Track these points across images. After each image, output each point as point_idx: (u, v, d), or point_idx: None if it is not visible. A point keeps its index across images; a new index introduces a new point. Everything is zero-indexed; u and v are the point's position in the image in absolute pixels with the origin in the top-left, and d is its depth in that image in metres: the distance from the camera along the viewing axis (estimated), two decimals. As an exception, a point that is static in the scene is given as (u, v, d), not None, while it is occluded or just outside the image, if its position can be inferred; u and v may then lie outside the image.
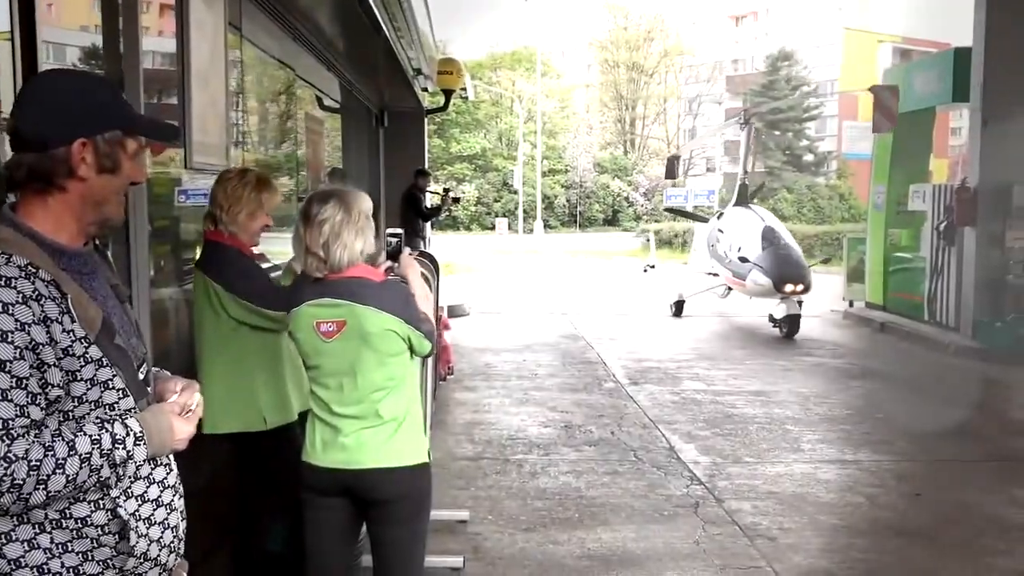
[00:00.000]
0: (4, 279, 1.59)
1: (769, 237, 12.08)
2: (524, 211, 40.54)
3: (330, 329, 2.79)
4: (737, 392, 8.59)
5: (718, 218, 13.91)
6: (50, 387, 1.63)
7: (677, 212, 21.34)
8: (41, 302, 1.62)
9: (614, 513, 5.30)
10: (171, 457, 1.89)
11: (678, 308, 13.91)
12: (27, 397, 1.59)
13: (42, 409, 1.62)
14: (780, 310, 11.60)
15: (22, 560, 1.65)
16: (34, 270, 1.63)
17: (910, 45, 62.95)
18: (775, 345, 11.43)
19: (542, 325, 13.00)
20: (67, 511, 1.67)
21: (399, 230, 3.65)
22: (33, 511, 1.64)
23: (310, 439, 2.93)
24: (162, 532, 1.80)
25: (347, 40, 8.57)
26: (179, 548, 1.91)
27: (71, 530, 1.68)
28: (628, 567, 4.53)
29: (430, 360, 6.18)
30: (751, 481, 5.91)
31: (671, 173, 17.86)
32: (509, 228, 36.60)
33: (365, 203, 2.87)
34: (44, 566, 1.66)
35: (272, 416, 3.38)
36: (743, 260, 11.92)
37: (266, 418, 3.33)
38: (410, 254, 3.22)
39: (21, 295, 1.60)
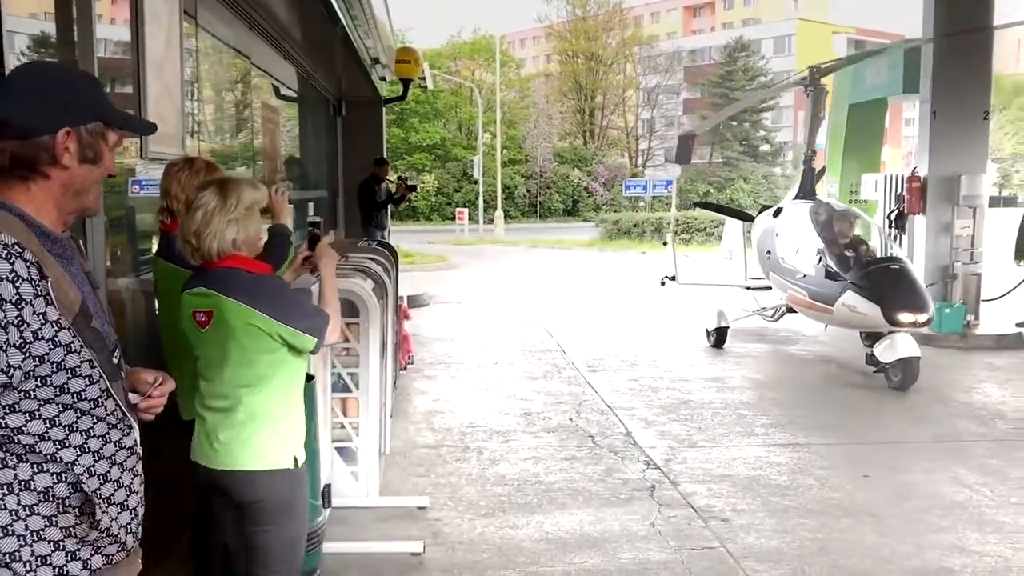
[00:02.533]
0: None
1: (872, 246, 8.85)
2: (484, 201, 40.52)
3: (202, 319, 2.76)
4: (693, 378, 8.73)
5: (774, 215, 10.05)
6: (12, 370, 1.64)
7: (709, 207, 15.73)
8: (17, 284, 1.63)
9: (572, 497, 5.39)
10: (137, 443, 1.92)
11: (719, 337, 10.35)
12: None
13: None
14: (889, 350, 8.06)
15: None
16: (20, 250, 1.65)
17: (863, 36, 63.84)
18: (729, 332, 11.58)
19: (503, 315, 13.06)
20: (31, 481, 1.70)
21: (318, 218, 3.64)
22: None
23: (195, 434, 2.93)
24: (119, 512, 1.83)
25: (303, 28, 8.55)
26: (137, 531, 1.94)
27: (38, 493, 1.71)
28: (585, 550, 4.62)
29: (389, 350, 6.23)
30: (706, 465, 6.03)
31: (684, 156, 14.23)
32: (470, 218, 36.53)
33: (247, 193, 2.80)
34: (9, 527, 1.69)
35: None
36: (832, 276, 8.46)
37: None
38: (330, 242, 3.15)
39: None
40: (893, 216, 11.85)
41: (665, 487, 5.57)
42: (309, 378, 4.23)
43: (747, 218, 11.29)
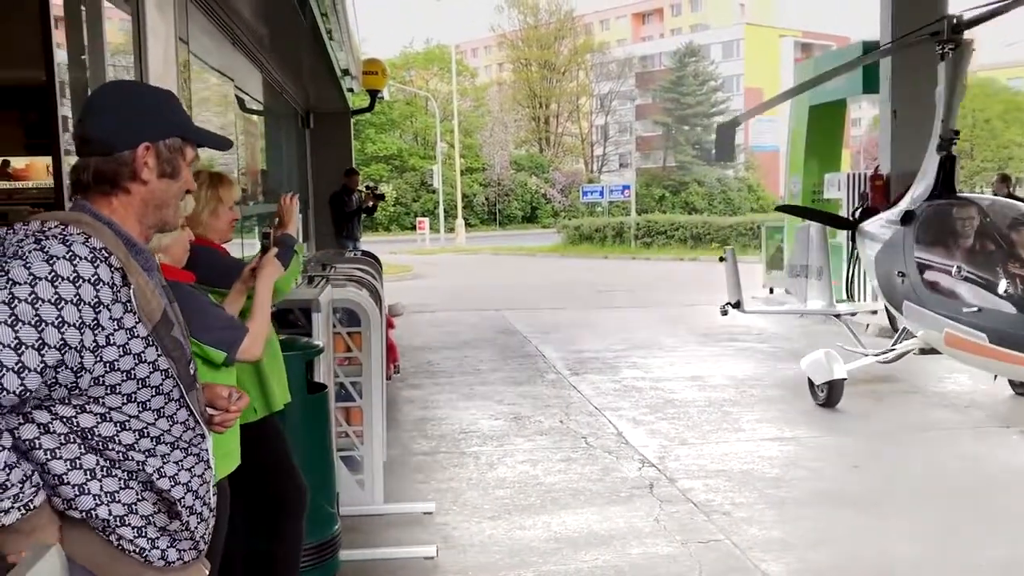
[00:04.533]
0: (71, 254, 1.66)
1: None
2: (444, 210, 40.56)
3: None
4: (674, 378, 8.88)
5: (903, 221, 7.24)
6: (83, 371, 1.68)
7: (792, 211, 11.24)
8: (97, 287, 1.67)
9: (574, 497, 5.47)
10: (210, 453, 1.97)
11: (832, 393, 7.42)
12: (15, 362, 1.59)
13: (48, 383, 1.65)
14: None
15: (65, 476, 1.72)
16: (106, 255, 1.69)
17: (810, 39, 65.05)
18: (702, 332, 11.78)
19: (478, 322, 13.12)
20: (108, 478, 1.76)
21: (268, 230, 3.65)
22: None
23: None
24: (189, 516, 1.88)
25: (279, 41, 8.57)
26: (208, 539, 1.99)
27: (119, 480, 1.77)
28: (595, 547, 4.70)
29: (380, 360, 6.26)
30: (699, 461, 6.16)
31: (726, 149, 12.01)
32: (430, 228, 36.54)
33: None
34: (92, 511, 1.74)
35: (259, 407, 3.36)
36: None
37: (256, 408, 3.35)
38: (275, 253, 3.10)
39: (76, 273, 1.65)
40: (857, 214, 12.11)
41: (663, 484, 5.69)
42: (321, 388, 4.29)
43: (842, 224, 8.98)
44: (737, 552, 4.61)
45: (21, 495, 1.64)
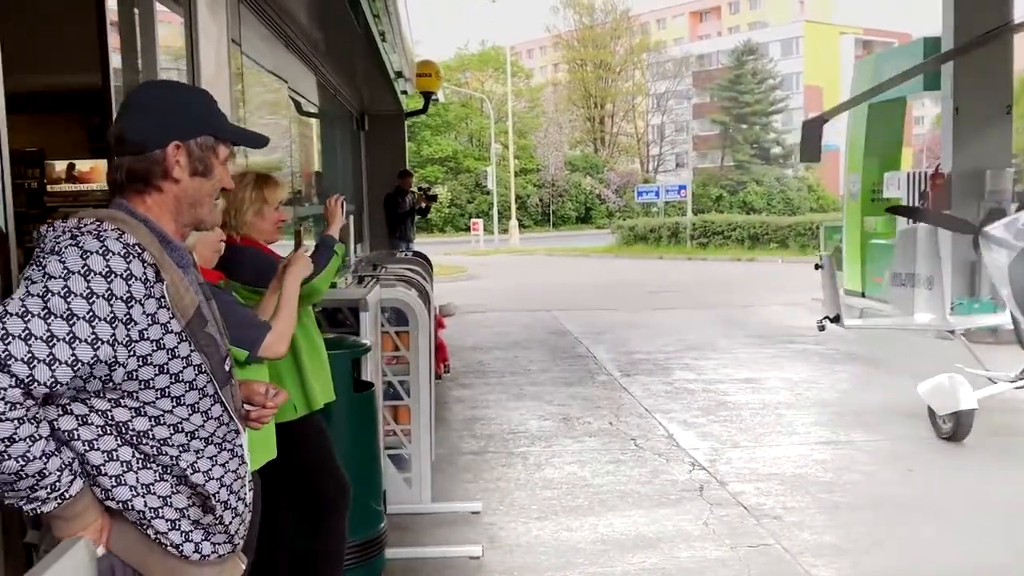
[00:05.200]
0: (104, 249, 1.68)
1: None
2: (498, 211, 40.63)
3: None
4: (728, 380, 8.77)
5: None
6: (116, 365, 1.70)
7: (903, 212, 9.39)
8: (129, 282, 1.69)
9: (622, 499, 5.43)
10: (245, 449, 1.99)
11: (958, 426, 6.46)
12: (47, 354, 1.61)
13: (80, 376, 1.67)
14: None
15: (103, 467, 1.75)
16: (139, 251, 1.72)
17: (871, 36, 63.79)
18: (758, 334, 11.63)
19: (529, 323, 13.12)
20: (144, 470, 1.79)
21: (299, 227, 3.65)
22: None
23: None
24: (223, 511, 1.90)
25: (334, 44, 8.66)
26: (244, 535, 2.01)
27: (154, 472, 1.80)
28: (642, 550, 4.66)
29: (430, 359, 6.29)
30: (751, 464, 6.07)
31: (813, 148, 9.57)
32: (484, 229, 36.64)
33: None
34: (128, 502, 1.77)
35: (300, 405, 3.39)
36: None
37: (295, 406, 3.38)
38: (306, 251, 3.14)
39: (109, 268, 1.67)
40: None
41: (713, 487, 5.62)
42: (368, 386, 4.32)
43: (967, 229, 8.14)
44: (788, 557, 4.53)
45: (58, 484, 1.68)
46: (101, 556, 1.75)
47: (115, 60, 3.75)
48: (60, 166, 10.70)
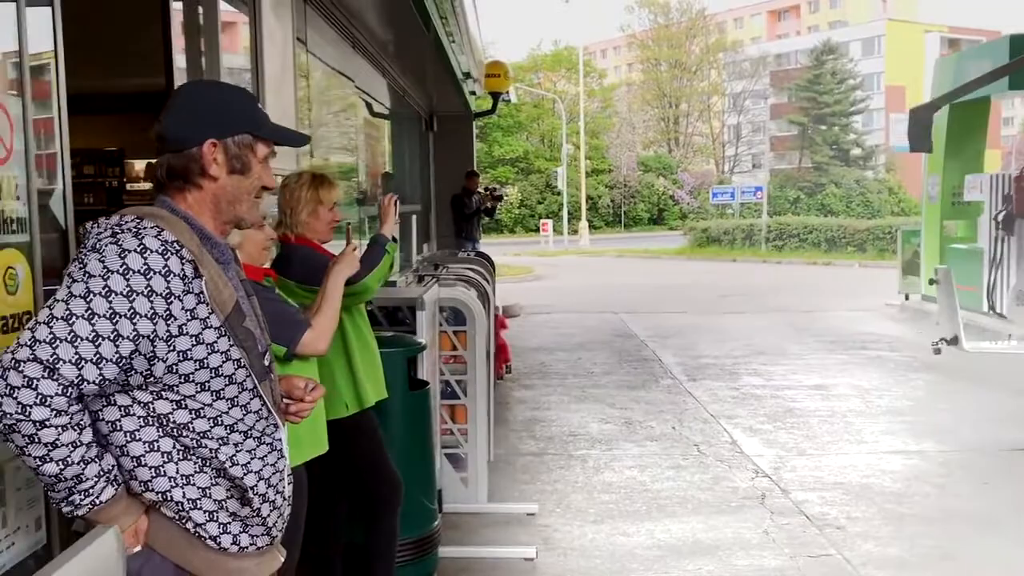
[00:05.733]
0: (142, 247, 1.71)
1: None
2: (568, 212, 40.53)
3: None
4: (796, 386, 8.58)
5: None
6: (155, 360, 1.73)
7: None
8: (168, 278, 1.72)
9: (681, 505, 5.35)
10: (284, 443, 2.00)
11: None
12: (94, 354, 1.65)
13: (124, 371, 1.70)
14: None
15: (143, 458, 1.78)
16: (177, 248, 1.74)
17: (957, 34, 61.89)
18: (830, 339, 11.36)
19: (595, 325, 13.04)
20: (184, 462, 1.82)
21: (348, 222, 3.63)
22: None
23: None
24: (261, 504, 1.91)
25: (401, 46, 8.73)
26: (282, 528, 2.02)
27: (194, 464, 1.82)
28: (699, 556, 4.58)
29: (490, 360, 6.28)
30: (816, 472, 5.93)
31: (921, 139, 9.35)
32: (554, 230, 36.56)
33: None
34: (168, 492, 1.80)
35: (351, 402, 3.42)
36: None
37: (347, 404, 3.41)
38: (354, 250, 3.12)
39: (147, 266, 1.70)
40: (1000, 217, 11.43)
41: (776, 495, 5.50)
42: (423, 384, 4.33)
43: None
44: (849, 568, 4.41)
45: (92, 490, 1.72)
46: (136, 552, 1.78)
47: (180, 61, 3.84)
48: (139, 165, 11.04)
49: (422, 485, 4.15)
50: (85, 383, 1.66)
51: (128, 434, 1.77)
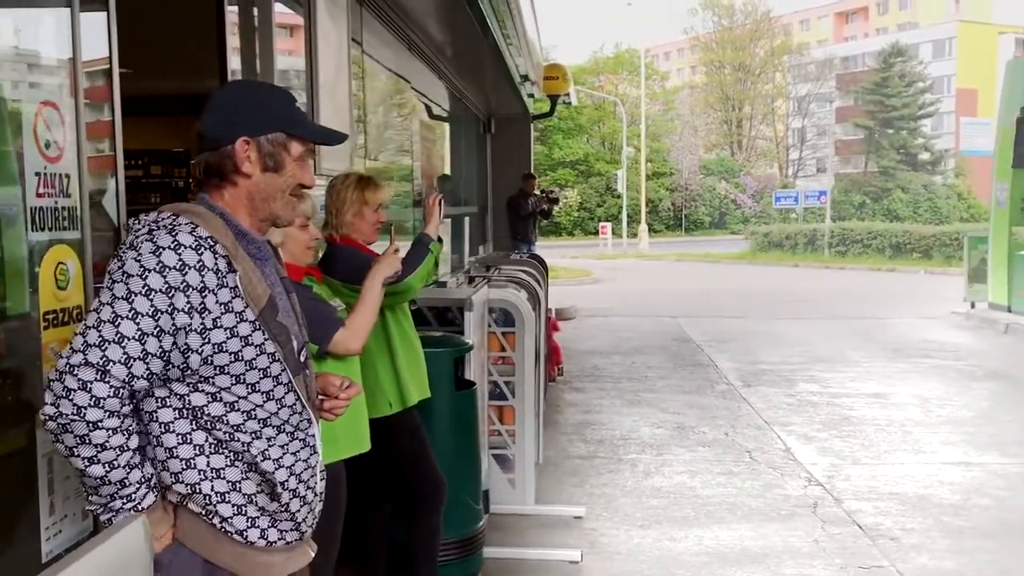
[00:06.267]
0: (176, 243, 1.76)
1: None
2: (628, 215, 40.30)
3: None
4: (854, 394, 8.42)
5: None
6: (190, 352, 1.77)
7: None
8: (202, 273, 1.76)
9: (730, 512, 5.29)
10: (316, 439, 2.02)
11: None
12: (141, 351, 1.71)
13: (165, 364, 1.76)
14: None
15: (175, 450, 1.82)
16: (212, 243, 1.79)
17: (1034, 35, 59.99)
18: (891, 347, 11.12)
19: (651, 329, 12.95)
20: (216, 454, 1.85)
21: (391, 222, 3.63)
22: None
23: None
24: (291, 499, 1.93)
25: (457, 48, 8.78)
26: (312, 523, 2.05)
27: (225, 457, 1.86)
28: (747, 564, 4.52)
29: (540, 362, 6.28)
30: (871, 482, 5.81)
31: None
32: (613, 233, 36.38)
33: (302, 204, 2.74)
34: (197, 485, 1.83)
35: (394, 401, 3.44)
36: None
37: (390, 402, 3.43)
38: (396, 251, 3.13)
39: (181, 261, 1.75)
40: None
41: (828, 504, 5.40)
42: (470, 384, 4.35)
43: None
44: (901, 581, 4.31)
45: (134, 496, 1.77)
46: (166, 546, 1.83)
47: (234, 62, 3.91)
48: (203, 166, 11.26)
49: (467, 485, 4.17)
50: (135, 379, 1.72)
51: (163, 425, 1.82)
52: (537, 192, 12.25)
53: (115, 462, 1.73)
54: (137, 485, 1.77)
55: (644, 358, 10.45)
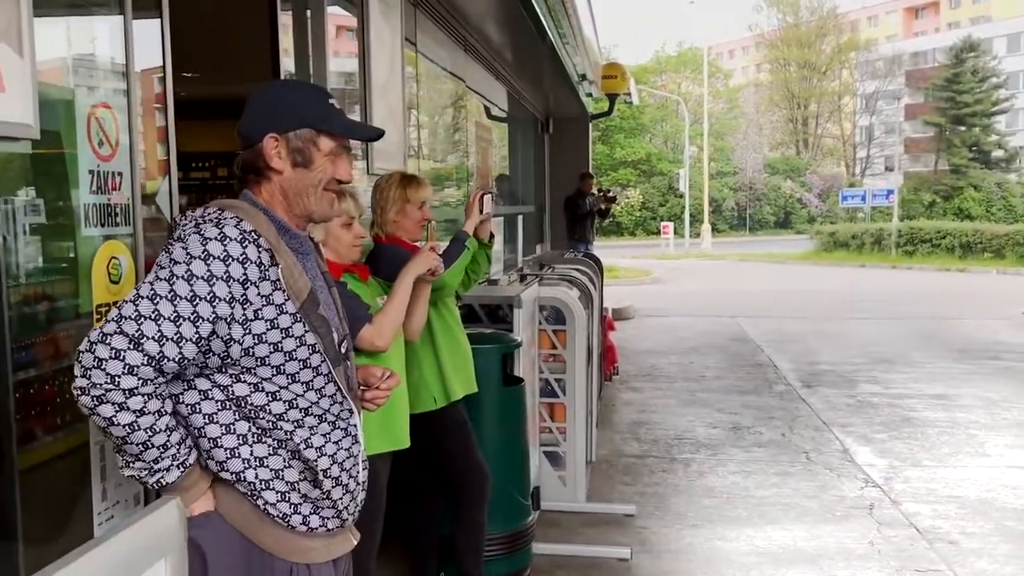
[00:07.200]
0: (222, 235, 1.81)
1: None
2: (691, 215, 39.92)
3: None
4: (917, 395, 8.24)
5: None
6: (231, 342, 1.82)
7: None
8: (245, 265, 1.81)
9: (784, 512, 5.23)
10: (358, 428, 2.06)
11: None
12: (175, 333, 1.75)
13: (202, 352, 1.80)
14: None
15: (219, 440, 1.87)
16: (255, 237, 1.84)
17: (1116, 27, 57.94)
18: (957, 348, 10.85)
19: (710, 329, 12.84)
20: (259, 444, 1.90)
21: (431, 219, 3.64)
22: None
23: None
24: (333, 486, 1.98)
25: (514, 48, 8.82)
26: (354, 512, 2.09)
27: (268, 446, 1.91)
28: (798, 565, 4.47)
29: (594, 359, 6.29)
30: (931, 485, 5.69)
31: None
32: (675, 232, 36.06)
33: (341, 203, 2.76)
34: (241, 473, 1.89)
35: (438, 396, 3.48)
36: None
37: (435, 398, 3.49)
38: (432, 249, 3.12)
39: (226, 253, 1.80)
40: None
41: (885, 506, 5.30)
42: (517, 380, 4.38)
43: None
44: (958, 586, 4.22)
45: (179, 455, 1.83)
46: (208, 517, 1.89)
47: (288, 64, 4.00)
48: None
49: (515, 480, 4.20)
50: (166, 360, 1.76)
51: (206, 416, 1.88)
52: (595, 191, 12.21)
53: (155, 425, 1.77)
54: (178, 445, 1.82)
55: (702, 358, 10.37)
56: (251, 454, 1.89)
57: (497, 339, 4.30)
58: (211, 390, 1.87)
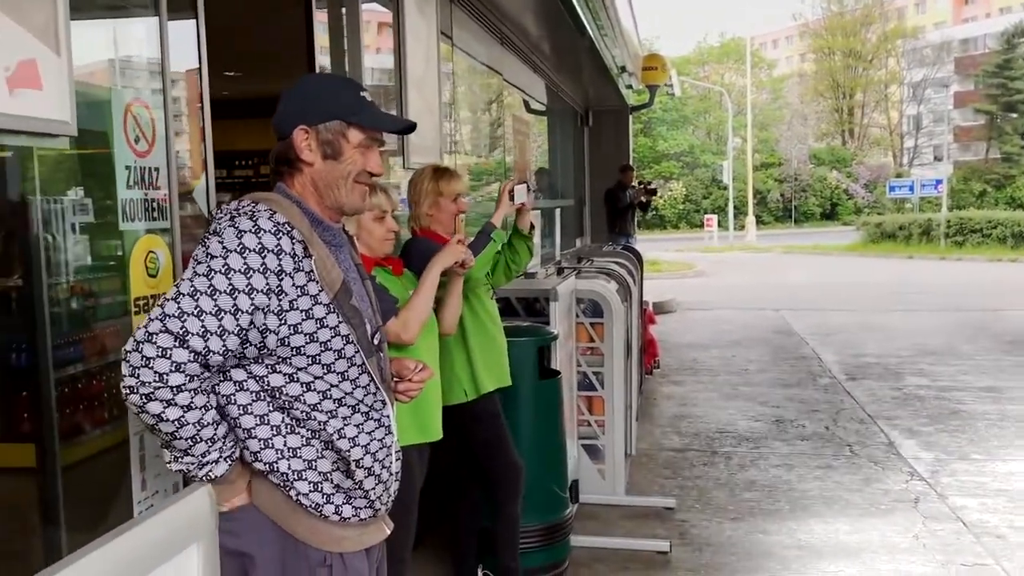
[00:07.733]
0: (257, 227, 1.84)
1: None
2: (735, 207, 39.51)
3: None
4: (965, 388, 8.09)
5: None
6: (267, 332, 1.85)
7: None
8: (280, 256, 1.84)
9: (827, 506, 5.17)
10: (391, 419, 2.08)
11: None
12: (217, 326, 1.78)
13: (243, 342, 1.83)
14: None
15: (253, 431, 1.90)
16: (289, 228, 1.87)
17: None
18: (1007, 340, 10.63)
19: (753, 322, 12.72)
20: (292, 434, 1.93)
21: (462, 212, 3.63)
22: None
23: None
24: (366, 476, 1.99)
25: (551, 41, 8.81)
26: (387, 503, 2.11)
27: (301, 437, 1.93)
28: (841, 559, 4.42)
29: (634, 353, 6.26)
30: (978, 478, 5.58)
31: None
32: (719, 225, 35.72)
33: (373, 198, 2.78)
34: (274, 464, 1.91)
35: (469, 389, 3.49)
36: None
37: (466, 390, 3.49)
38: (459, 241, 3.10)
39: (261, 245, 1.83)
40: None
41: (931, 499, 5.22)
42: (554, 373, 4.38)
43: None
44: (1006, 580, 4.14)
45: (225, 447, 1.86)
46: (243, 508, 1.92)
47: (324, 60, 4.04)
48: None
49: (552, 473, 4.20)
50: (211, 354, 1.80)
51: (241, 407, 1.90)
52: (635, 184, 12.15)
53: (203, 419, 1.81)
54: (224, 438, 1.86)
55: (744, 351, 10.28)
56: (284, 444, 1.92)
57: (533, 332, 4.30)
58: (246, 381, 1.90)
